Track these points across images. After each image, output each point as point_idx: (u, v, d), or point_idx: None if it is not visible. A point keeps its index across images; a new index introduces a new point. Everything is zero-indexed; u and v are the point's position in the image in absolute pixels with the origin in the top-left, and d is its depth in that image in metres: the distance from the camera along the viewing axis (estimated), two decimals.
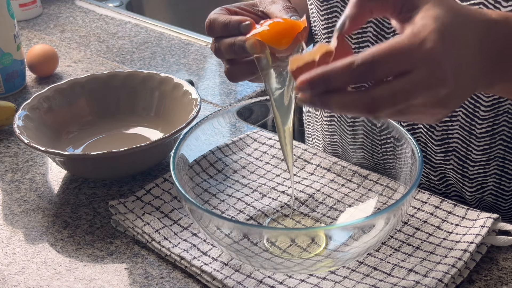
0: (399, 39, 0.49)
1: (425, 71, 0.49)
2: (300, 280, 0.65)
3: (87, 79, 0.94)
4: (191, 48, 1.28)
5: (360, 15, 0.55)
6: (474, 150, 0.75)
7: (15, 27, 1.07)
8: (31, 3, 1.42)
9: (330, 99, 0.50)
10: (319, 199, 0.76)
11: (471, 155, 0.75)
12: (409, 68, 0.49)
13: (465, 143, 0.75)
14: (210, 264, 0.67)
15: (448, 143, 0.76)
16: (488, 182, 0.77)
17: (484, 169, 0.76)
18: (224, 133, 0.83)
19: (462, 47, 0.52)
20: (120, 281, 0.68)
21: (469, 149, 0.75)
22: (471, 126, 0.73)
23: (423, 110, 0.52)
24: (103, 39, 1.32)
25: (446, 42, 0.50)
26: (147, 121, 0.94)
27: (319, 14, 0.82)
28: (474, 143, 0.74)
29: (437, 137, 0.76)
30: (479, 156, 0.75)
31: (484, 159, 0.75)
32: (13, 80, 1.08)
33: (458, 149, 0.76)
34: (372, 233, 0.62)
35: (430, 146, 0.77)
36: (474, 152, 0.75)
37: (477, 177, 0.77)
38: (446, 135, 0.76)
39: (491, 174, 0.76)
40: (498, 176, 0.76)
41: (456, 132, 0.75)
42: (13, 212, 0.79)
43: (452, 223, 0.71)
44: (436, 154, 0.78)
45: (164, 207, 0.75)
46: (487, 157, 0.75)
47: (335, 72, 0.49)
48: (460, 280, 0.65)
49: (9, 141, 0.95)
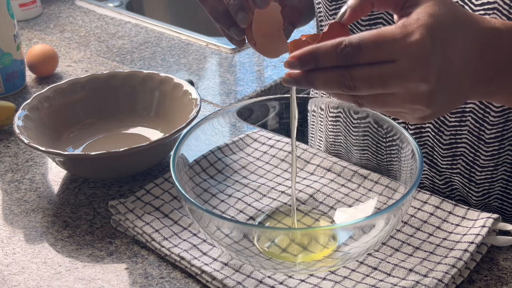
0: (389, 28, 0.50)
1: (406, 62, 0.49)
2: (300, 280, 0.65)
3: (87, 79, 0.94)
4: (191, 48, 1.28)
5: (361, 6, 0.55)
6: (482, 155, 0.74)
7: (15, 27, 1.07)
8: (31, 3, 1.42)
9: (314, 76, 0.51)
10: (319, 199, 0.76)
11: (479, 161, 0.75)
12: (393, 57, 0.50)
13: (473, 148, 0.74)
14: (210, 264, 0.67)
15: (456, 148, 0.75)
16: (495, 188, 0.77)
17: (491, 174, 0.75)
18: (224, 133, 0.83)
19: (453, 50, 0.52)
20: (120, 281, 0.67)
21: (477, 155, 0.74)
22: (480, 132, 0.73)
23: (402, 103, 0.52)
24: (103, 39, 1.32)
25: (435, 40, 0.50)
26: (147, 121, 0.94)
27: (327, 14, 0.81)
28: (482, 149, 0.74)
29: (445, 141, 0.76)
30: (487, 161, 0.74)
31: (492, 164, 0.75)
32: (13, 80, 1.08)
33: (466, 154, 0.75)
34: (372, 233, 0.62)
35: (438, 150, 0.77)
36: (482, 158, 0.74)
37: (484, 183, 0.76)
38: (454, 139, 0.75)
39: (498, 179, 0.76)
40: (505, 181, 0.76)
41: (465, 137, 0.74)
42: (13, 212, 0.79)
43: (452, 223, 0.71)
44: (443, 158, 0.77)
45: (164, 207, 0.75)
46: (495, 162, 0.74)
47: (323, 50, 0.50)
48: (460, 280, 0.65)
49: (9, 141, 0.95)
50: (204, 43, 1.29)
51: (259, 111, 0.80)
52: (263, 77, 1.17)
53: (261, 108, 0.79)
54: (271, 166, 0.82)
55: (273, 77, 1.17)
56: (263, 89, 1.12)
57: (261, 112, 0.80)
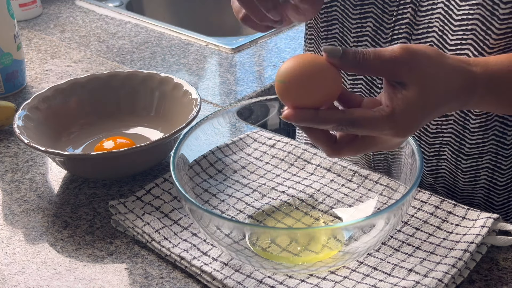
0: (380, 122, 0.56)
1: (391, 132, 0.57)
2: (300, 280, 0.65)
3: (87, 79, 0.94)
4: (191, 48, 1.28)
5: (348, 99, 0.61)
6: (467, 144, 0.76)
7: (15, 27, 1.07)
8: (31, 3, 1.42)
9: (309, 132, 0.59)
10: (319, 199, 0.76)
11: (464, 149, 0.77)
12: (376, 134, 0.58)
13: (458, 137, 0.76)
14: (210, 264, 0.67)
15: (442, 137, 0.77)
16: (480, 176, 0.78)
17: (477, 162, 0.77)
18: (224, 133, 0.83)
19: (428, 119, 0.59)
20: (120, 281, 0.67)
21: (462, 143, 0.76)
22: (465, 121, 0.75)
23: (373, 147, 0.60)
24: (103, 39, 1.32)
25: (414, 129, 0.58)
26: (147, 121, 0.94)
27: (318, 25, 0.82)
28: (467, 137, 0.76)
29: (432, 130, 0.77)
30: (472, 149, 0.76)
31: (477, 152, 0.76)
32: (13, 80, 1.08)
33: (451, 143, 0.77)
34: (372, 233, 0.62)
35: (425, 139, 0.79)
36: (467, 146, 0.76)
37: (470, 170, 0.78)
38: (441, 129, 0.77)
39: (484, 167, 0.77)
40: (490, 170, 0.78)
41: (450, 127, 0.76)
42: (13, 212, 0.79)
43: (452, 223, 0.71)
44: (430, 146, 0.79)
45: (164, 207, 0.75)
46: (480, 150, 0.76)
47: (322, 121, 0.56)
48: (460, 280, 0.65)
49: (9, 141, 0.95)
50: (204, 43, 1.29)
51: (259, 111, 0.80)
52: (263, 77, 1.17)
53: (261, 108, 0.79)
54: (271, 166, 0.82)
55: (273, 77, 1.17)
56: (263, 89, 1.12)
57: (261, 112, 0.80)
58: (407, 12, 0.74)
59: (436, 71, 0.58)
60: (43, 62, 1.22)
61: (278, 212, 0.75)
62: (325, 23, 0.82)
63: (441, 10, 0.71)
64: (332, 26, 0.81)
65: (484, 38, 0.69)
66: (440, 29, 0.72)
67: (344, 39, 0.80)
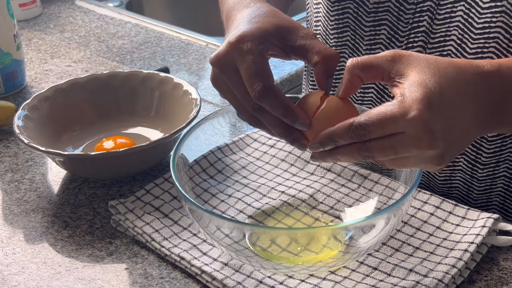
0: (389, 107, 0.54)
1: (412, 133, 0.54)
2: (300, 280, 0.65)
3: (87, 79, 0.94)
4: (191, 48, 1.27)
5: (351, 83, 0.59)
6: (484, 153, 0.75)
7: (15, 27, 1.07)
8: (31, 3, 1.42)
9: (337, 153, 0.58)
10: (319, 199, 0.76)
11: (481, 158, 0.75)
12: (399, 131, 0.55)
13: (475, 147, 0.75)
14: (210, 264, 0.67)
15: None
16: (497, 184, 0.77)
17: (493, 171, 0.76)
18: (224, 133, 0.83)
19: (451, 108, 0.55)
20: (120, 281, 0.67)
21: (479, 152, 0.75)
22: None
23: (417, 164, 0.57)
24: (103, 39, 1.32)
25: (431, 108, 0.54)
26: (147, 121, 0.94)
27: (328, 14, 0.81)
28: (484, 146, 0.74)
29: None
30: (489, 159, 0.75)
31: (494, 161, 0.75)
32: (13, 80, 1.08)
33: (468, 153, 0.76)
34: (372, 233, 0.62)
35: None
36: (484, 155, 0.75)
37: (486, 179, 0.77)
38: None
39: (501, 176, 0.76)
40: (507, 178, 0.76)
41: None
42: (13, 212, 0.79)
43: (452, 223, 0.71)
44: None
45: (164, 207, 0.75)
46: (497, 159, 0.75)
47: (339, 133, 0.56)
48: (460, 280, 0.65)
49: (9, 141, 0.95)
50: (204, 43, 1.29)
51: None
52: None
53: None
54: (271, 166, 0.82)
55: None
56: None
57: None
58: (424, 20, 0.72)
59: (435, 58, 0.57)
60: (43, 62, 1.22)
61: (278, 212, 0.75)
62: (335, 30, 0.80)
63: (461, 18, 0.70)
64: (343, 34, 0.79)
65: (508, 46, 0.68)
66: (459, 38, 0.70)
67: (356, 46, 0.78)
